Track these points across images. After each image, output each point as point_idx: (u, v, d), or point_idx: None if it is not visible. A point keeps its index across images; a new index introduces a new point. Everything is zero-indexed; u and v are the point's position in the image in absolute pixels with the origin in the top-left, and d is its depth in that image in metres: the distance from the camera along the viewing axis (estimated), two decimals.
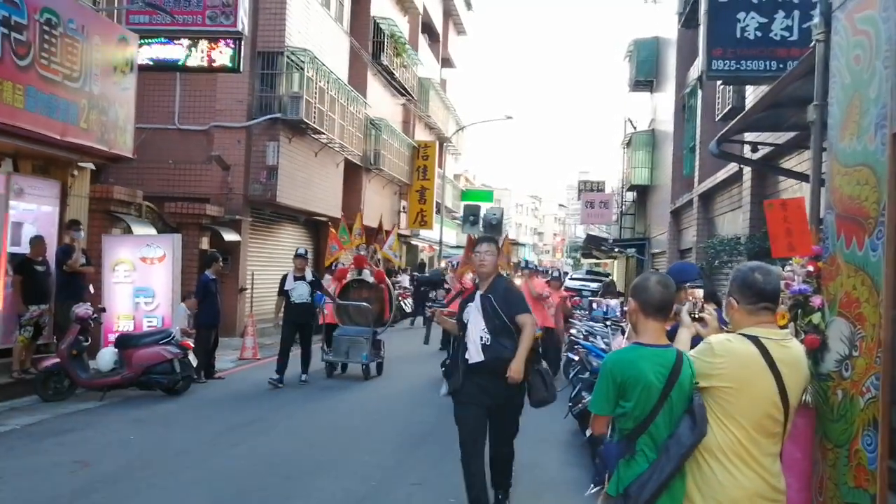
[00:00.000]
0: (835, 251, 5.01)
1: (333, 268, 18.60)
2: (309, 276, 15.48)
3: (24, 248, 13.61)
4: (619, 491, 4.06)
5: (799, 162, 13.42)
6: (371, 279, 17.49)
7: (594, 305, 17.18)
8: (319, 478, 8.93)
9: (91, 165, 15.70)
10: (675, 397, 4.02)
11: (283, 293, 15.40)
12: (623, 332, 7.72)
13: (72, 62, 12.80)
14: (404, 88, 37.49)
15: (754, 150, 14.01)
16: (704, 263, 17.49)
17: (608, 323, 7.87)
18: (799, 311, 5.26)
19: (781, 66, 11.48)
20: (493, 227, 13.64)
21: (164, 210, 20.16)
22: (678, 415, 4.02)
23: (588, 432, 9.26)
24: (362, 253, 18.18)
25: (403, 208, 39.57)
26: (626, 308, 6.77)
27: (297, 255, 15.69)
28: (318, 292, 16.00)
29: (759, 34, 11.95)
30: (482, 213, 14.90)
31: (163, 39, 18.59)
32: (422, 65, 40.94)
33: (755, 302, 4.20)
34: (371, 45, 32.82)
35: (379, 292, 17.45)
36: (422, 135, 43.01)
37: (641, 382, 4.01)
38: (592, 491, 4.63)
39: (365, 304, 16.76)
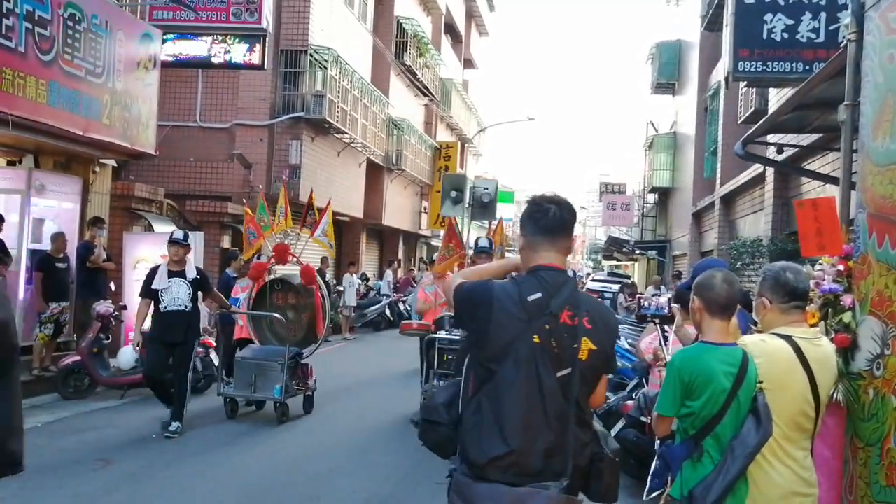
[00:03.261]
0: (866, 250, 4.97)
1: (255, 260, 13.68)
2: (191, 272, 10.93)
3: (45, 245, 13.63)
4: (683, 494, 4.01)
5: (823, 164, 13.33)
6: (297, 279, 12.95)
7: (644, 303, 16.31)
8: (343, 477, 8.90)
9: (113, 162, 15.72)
10: (742, 397, 3.96)
11: (148, 294, 10.81)
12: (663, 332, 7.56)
13: (95, 57, 12.81)
14: (427, 89, 37.49)
15: (779, 151, 13.92)
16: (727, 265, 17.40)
17: (657, 321, 7.75)
18: (829, 310, 5.22)
19: (808, 67, 11.39)
20: (485, 207, 11.35)
21: (186, 208, 20.16)
22: (743, 415, 3.96)
23: (612, 433, 9.19)
24: (288, 241, 13.26)
25: (425, 209, 39.55)
26: (674, 306, 6.66)
27: (171, 241, 11.01)
28: (226, 299, 12.50)
29: (785, 35, 11.85)
30: (469, 187, 12.15)
31: (187, 36, 18.62)
32: (444, 65, 40.92)
33: (788, 301, 4.21)
34: (394, 44, 32.83)
35: (309, 297, 12.76)
36: (443, 135, 43.00)
37: (713, 382, 3.95)
38: (653, 496, 4.52)
39: (277, 315, 12.40)
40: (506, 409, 3.47)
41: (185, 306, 10.70)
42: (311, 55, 23.23)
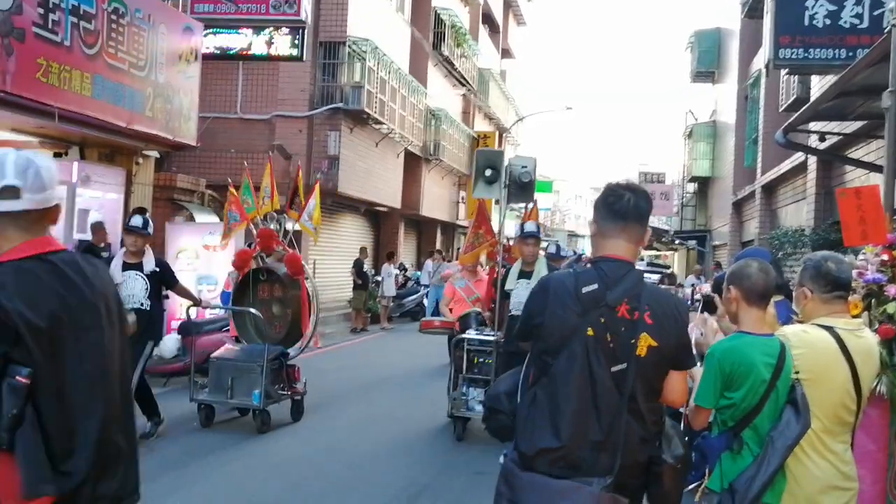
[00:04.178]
0: None
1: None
2: (149, 264, 9.44)
3: (90, 235, 13.80)
4: (723, 486, 3.96)
5: (867, 152, 13.20)
6: (283, 269, 11.11)
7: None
8: (382, 466, 8.95)
9: (155, 153, 15.91)
10: (781, 388, 3.91)
11: None
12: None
13: (138, 51, 12.99)
14: (464, 79, 37.41)
15: (822, 139, 13.79)
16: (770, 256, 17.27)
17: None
18: (872, 300, 5.17)
19: (851, 54, 11.30)
20: (523, 189, 10.35)
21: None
22: (781, 406, 3.92)
23: None
24: (273, 226, 11.63)
25: (462, 199, 39.50)
26: (697, 296, 6.59)
27: (128, 229, 9.50)
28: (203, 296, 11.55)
29: (828, 21, 11.76)
30: (505, 165, 11.23)
31: (227, 28, 18.76)
32: (482, 55, 40.79)
33: (830, 291, 4.13)
34: (432, 35, 32.77)
35: (295, 290, 11.13)
36: (481, 125, 42.92)
37: (753, 373, 3.91)
38: (689, 488, 4.48)
39: (254, 310, 10.94)
40: (559, 404, 3.41)
41: (142, 304, 9.22)
42: (349, 46, 23.25)
